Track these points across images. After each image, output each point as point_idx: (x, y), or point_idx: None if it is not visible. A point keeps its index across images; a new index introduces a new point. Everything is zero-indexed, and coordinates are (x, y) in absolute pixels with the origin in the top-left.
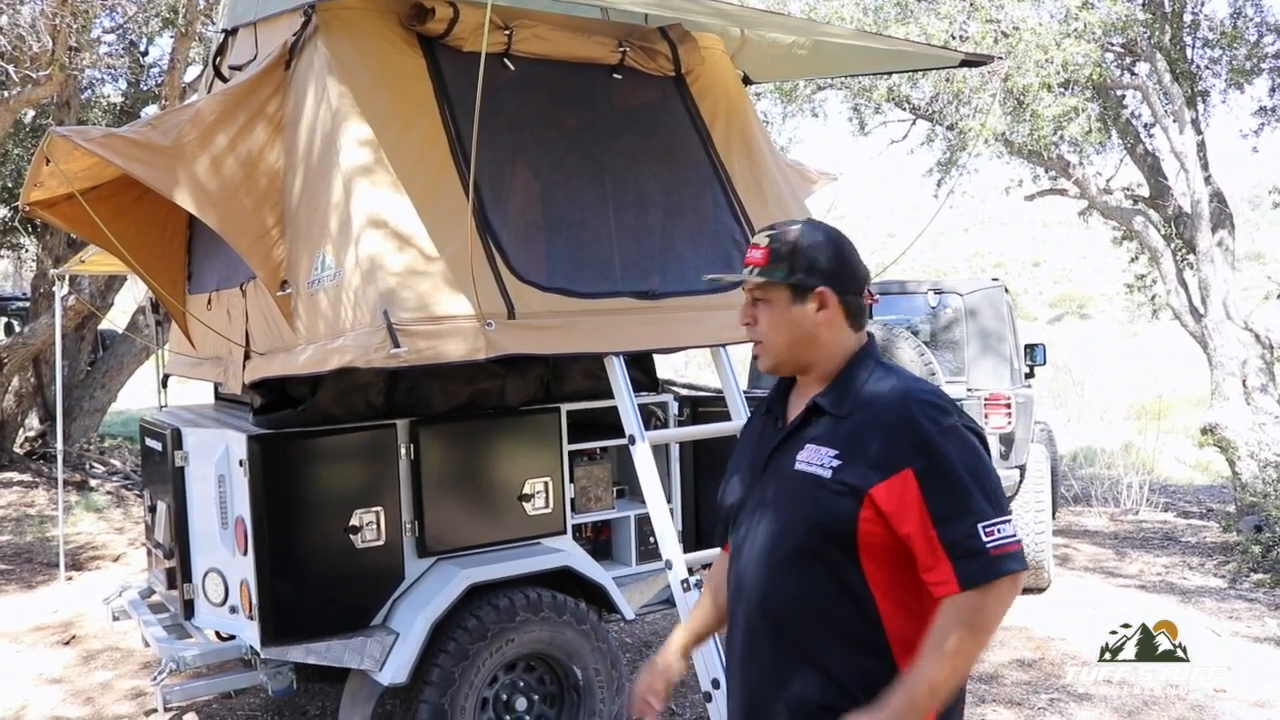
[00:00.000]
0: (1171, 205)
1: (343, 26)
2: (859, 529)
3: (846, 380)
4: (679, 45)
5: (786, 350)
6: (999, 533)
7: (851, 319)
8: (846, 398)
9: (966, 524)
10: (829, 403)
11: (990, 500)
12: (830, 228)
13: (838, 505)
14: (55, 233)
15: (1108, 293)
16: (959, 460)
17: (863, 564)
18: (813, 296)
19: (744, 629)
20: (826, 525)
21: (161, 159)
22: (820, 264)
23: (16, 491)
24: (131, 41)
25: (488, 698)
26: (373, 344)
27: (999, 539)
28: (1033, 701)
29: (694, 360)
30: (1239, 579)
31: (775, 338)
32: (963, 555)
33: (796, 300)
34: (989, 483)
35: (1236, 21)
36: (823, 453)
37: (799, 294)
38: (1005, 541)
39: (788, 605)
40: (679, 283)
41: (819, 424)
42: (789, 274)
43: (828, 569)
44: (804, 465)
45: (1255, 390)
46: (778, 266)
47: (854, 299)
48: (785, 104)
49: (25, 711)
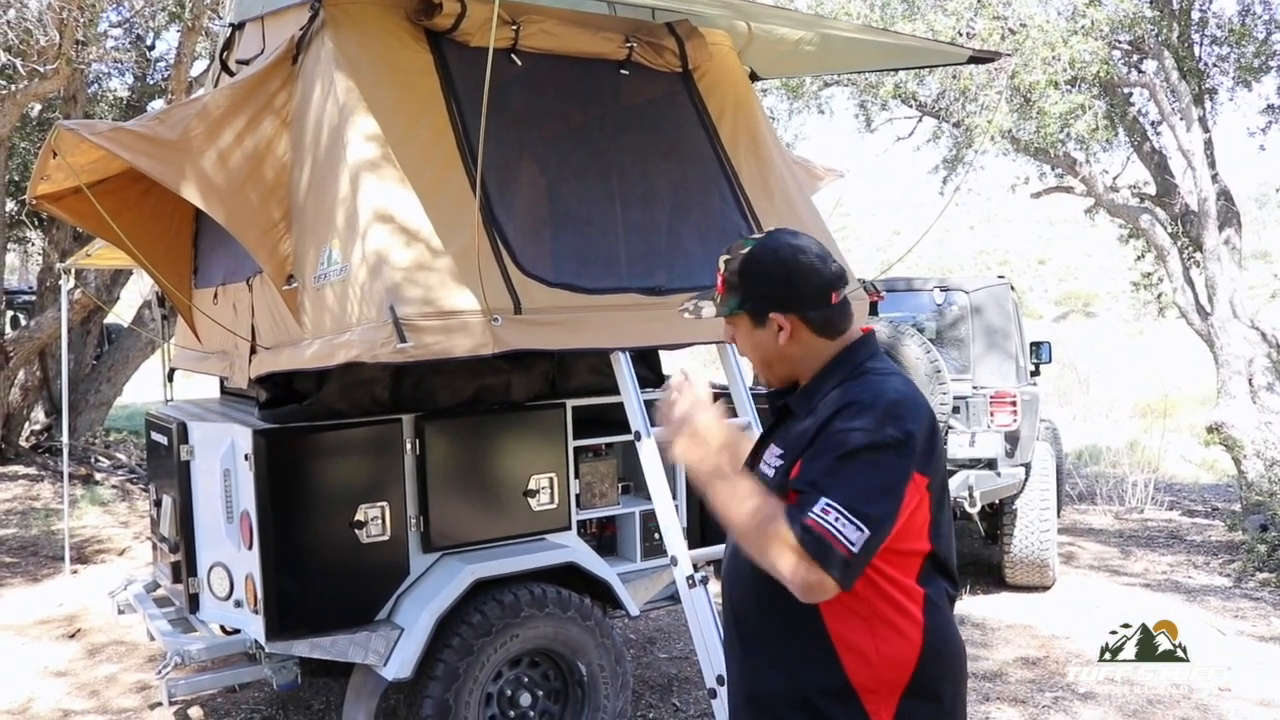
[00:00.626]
0: (1178, 203)
1: (350, 21)
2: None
3: (816, 383)
4: (686, 41)
5: (764, 367)
6: (828, 516)
7: (819, 331)
8: (809, 400)
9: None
10: (796, 404)
11: (847, 494)
12: (786, 240)
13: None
14: (62, 227)
15: (1113, 291)
16: (843, 445)
17: None
18: (769, 322)
19: (725, 620)
20: None
21: (168, 153)
22: (770, 289)
23: (22, 485)
24: (138, 36)
25: (492, 693)
26: (379, 339)
27: (823, 518)
28: (1037, 700)
29: (699, 356)
30: (1244, 578)
31: (750, 356)
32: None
33: (757, 325)
34: (860, 480)
35: (1245, 19)
36: (774, 452)
37: (756, 320)
38: (826, 524)
39: (744, 600)
40: (685, 279)
41: (786, 423)
42: (741, 304)
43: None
44: (764, 465)
45: (1261, 389)
46: (731, 296)
47: (815, 313)
48: (792, 100)
49: (31, 704)
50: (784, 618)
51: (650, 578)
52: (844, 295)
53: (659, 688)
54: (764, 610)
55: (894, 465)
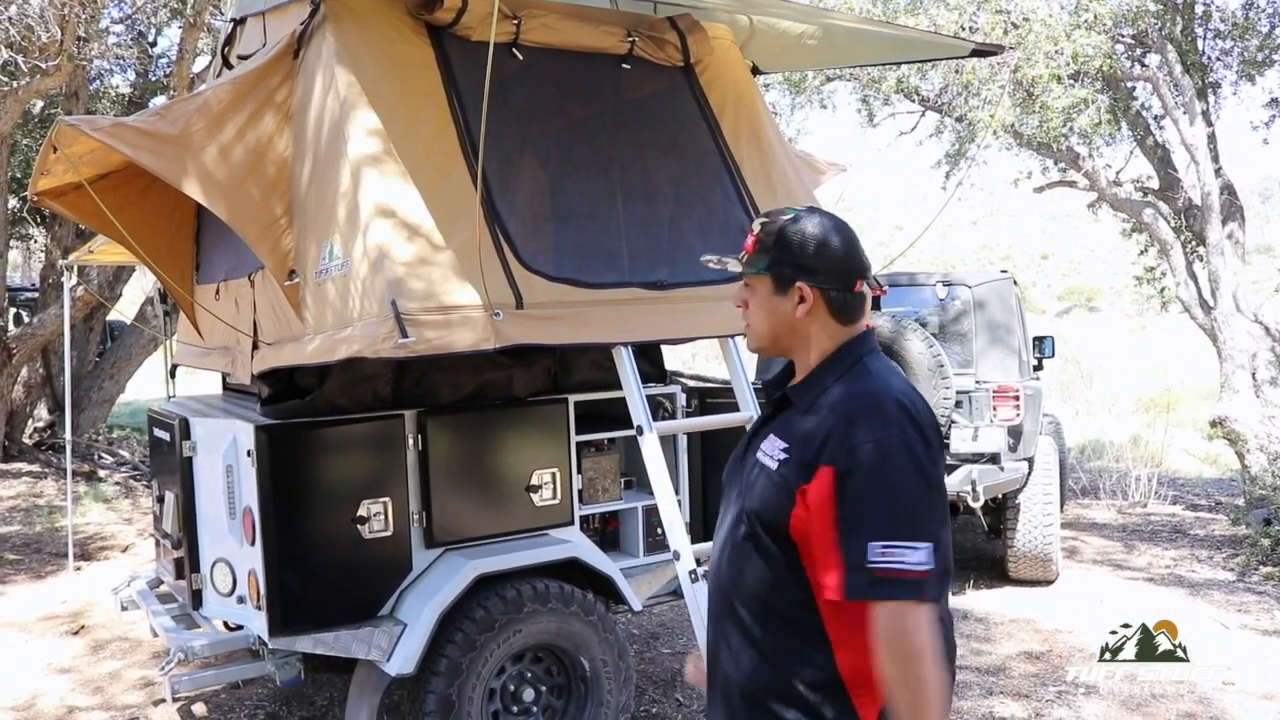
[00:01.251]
0: (1181, 198)
1: (351, 16)
2: (790, 524)
3: (818, 375)
4: (688, 35)
5: (769, 336)
6: (892, 556)
7: (836, 314)
8: (810, 393)
9: (862, 536)
10: (796, 395)
11: (898, 521)
12: (829, 219)
13: (776, 497)
14: (64, 223)
15: (1117, 285)
16: (878, 472)
17: (800, 554)
18: (793, 290)
19: (710, 611)
20: (764, 516)
21: (169, 148)
22: (802, 258)
23: (25, 482)
24: (140, 32)
25: (495, 688)
26: (380, 334)
27: (889, 562)
28: (1040, 694)
29: (702, 351)
30: (1248, 572)
31: (758, 324)
32: (850, 567)
33: (778, 291)
34: (902, 502)
35: (1248, 13)
36: (776, 444)
37: (780, 285)
38: (896, 566)
39: (735, 590)
40: (687, 273)
41: (784, 415)
42: (769, 266)
43: (765, 556)
44: (761, 454)
45: (1265, 383)
46: (760, 257)
47: (839, 294)
48: (794, 95)
49: (35, 701)
50: (778, 612)
51: (653, 573)
52: (864, 288)
53: (662, 683)
54: (758, 604)
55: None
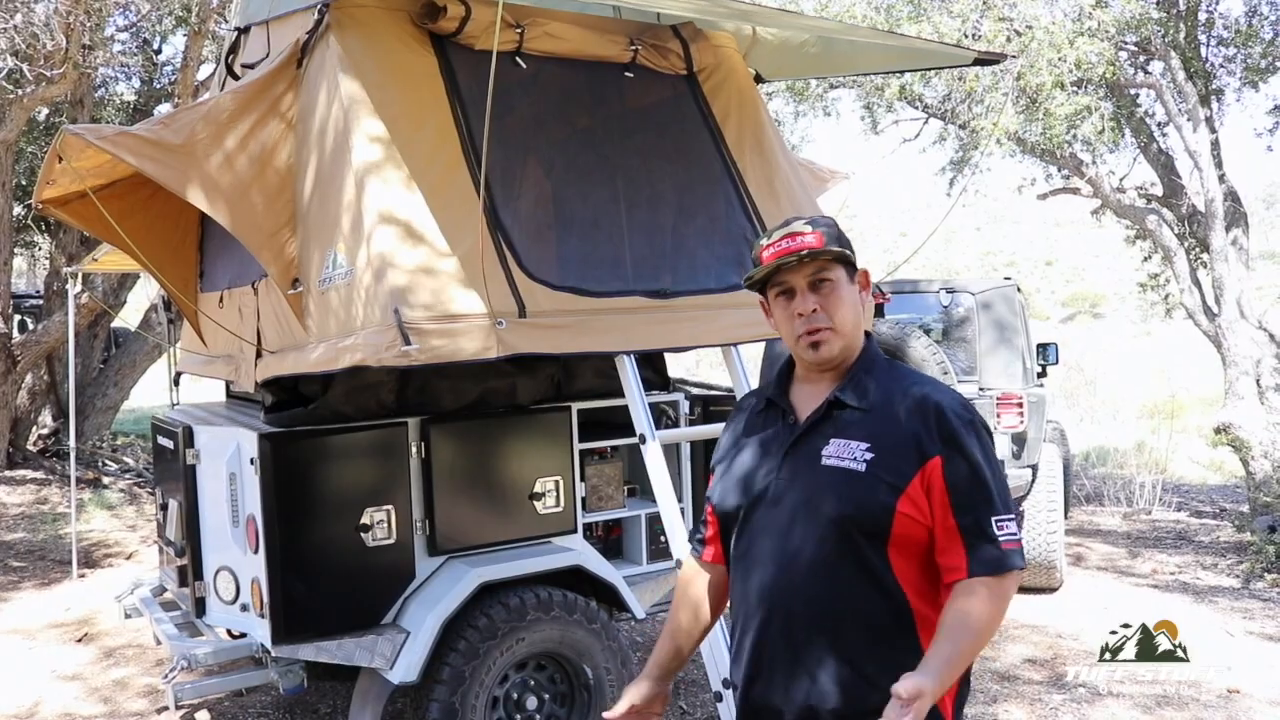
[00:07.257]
0: (1185, 204)
1: (355, 25)
2: (894, 521)
3: (864, 373)
4: (691, 43)
5: (854, 331)
6: (1008, 528)
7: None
8: (869, 391)
9: (982, 514)
10: (852, 396)
11: (1002, 497)
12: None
13: (874, 498)
14: (68, 231)
15: (1120, 292)
16: (980, 453)
17: (891, 559)
18: (859, 276)
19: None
20: (860, 520)
21: (174, 157)
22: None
23: (30, 489)
24: (145, 40)
25: (498, 696)
26: (384, 342)
27: (1008, 534)
28: (1046, 700)
29: (705, 359)
30: (1252, 578)
31: (844, 318)
32: (975, 544)
33: (850, 280)
34: (1001, 480)
35: (1252, 20)
36: (853, 446)
37: (851, 273)
38: (1012, 538)
39: (820, 606)
40: (691, 281)
41: (842, 417)
42: (847, 255)
43: (859, 566)
44: (834, 460)
45: (1269, 389)
46: (834, 244)
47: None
48: (797, 103)
49: (39, 708)
50: (878, 628)
51: (656, 580)
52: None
53: None
54: (858, 620)
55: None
